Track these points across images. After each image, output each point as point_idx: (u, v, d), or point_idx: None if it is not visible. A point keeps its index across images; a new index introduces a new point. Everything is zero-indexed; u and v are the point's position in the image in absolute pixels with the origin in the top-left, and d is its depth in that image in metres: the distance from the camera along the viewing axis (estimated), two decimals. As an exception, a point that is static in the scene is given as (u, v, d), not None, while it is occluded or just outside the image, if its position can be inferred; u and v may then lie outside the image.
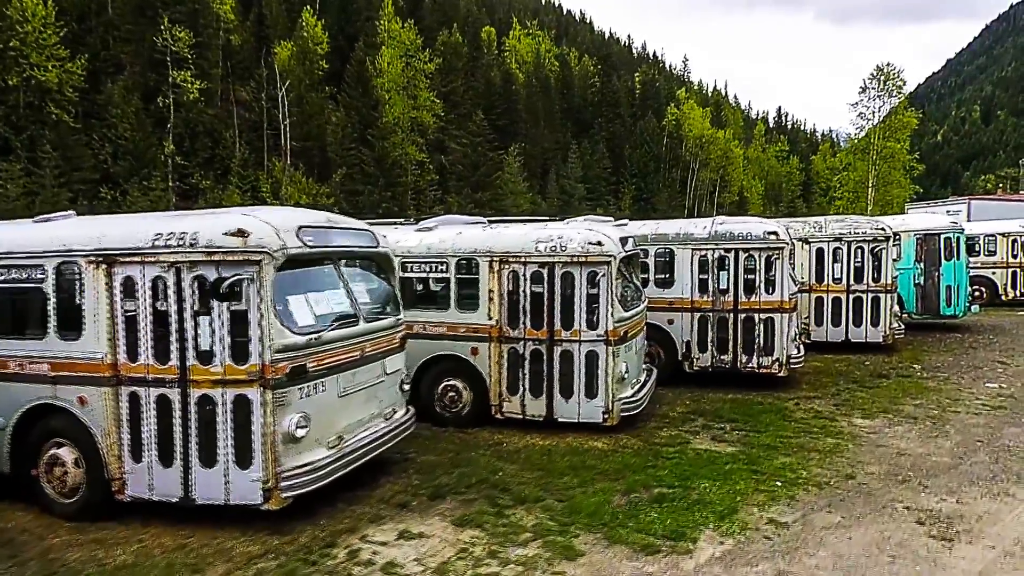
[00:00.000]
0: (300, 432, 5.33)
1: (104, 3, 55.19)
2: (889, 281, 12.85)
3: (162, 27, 47.37)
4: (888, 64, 39.13)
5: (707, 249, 10.66)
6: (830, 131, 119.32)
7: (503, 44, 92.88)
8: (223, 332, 5.20)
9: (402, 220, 13.89)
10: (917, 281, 15.47)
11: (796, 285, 10.92)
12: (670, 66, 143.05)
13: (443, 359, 8.60)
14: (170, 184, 47.73)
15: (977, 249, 20.78)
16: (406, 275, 8.72)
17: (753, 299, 10.50)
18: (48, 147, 43.17)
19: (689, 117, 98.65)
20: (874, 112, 39.48)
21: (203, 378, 5.22)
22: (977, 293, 20.88)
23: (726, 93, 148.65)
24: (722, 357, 10.69)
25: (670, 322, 10.88)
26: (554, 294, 8.19)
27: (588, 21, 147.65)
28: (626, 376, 8.31)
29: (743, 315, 10.56)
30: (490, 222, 12.61)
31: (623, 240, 8.77)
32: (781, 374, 10.48)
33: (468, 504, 6.19)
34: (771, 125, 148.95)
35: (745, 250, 10.49)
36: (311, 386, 5.48)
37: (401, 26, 62.65)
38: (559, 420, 8.26)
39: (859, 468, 7.17)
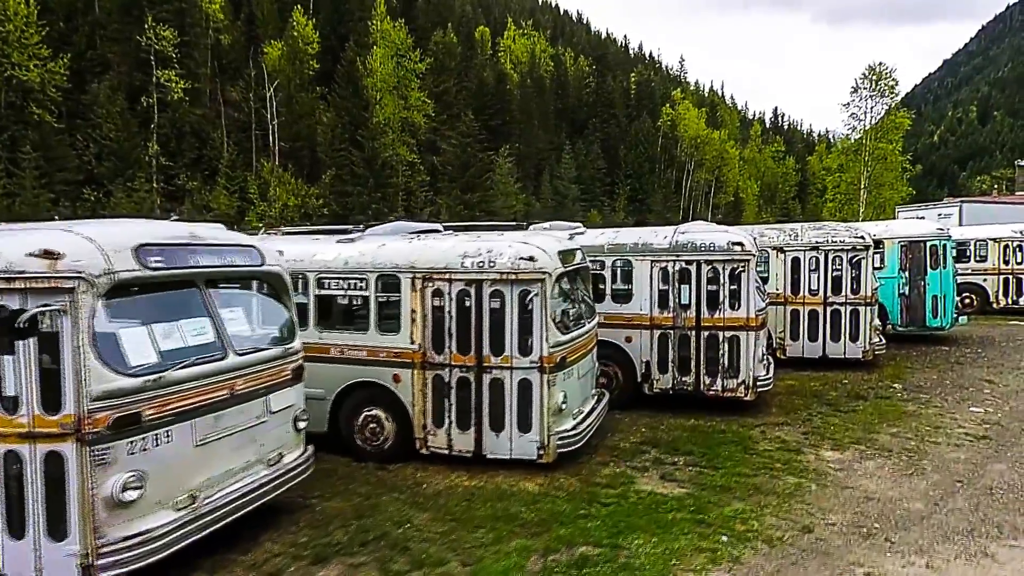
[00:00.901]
0: (130, 495, 4.39)
1: (91, 2, 54.26)
2: (869, 293, 11.91)
3: (146, 26, 46.40)
4: (880, 64, 38.21)
5: (668, 261, 9.71)
6: (826, 132, 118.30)
7: (498, 44, 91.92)
8: (31, 375, 4.25)
9: (352, 228, 13.00)
10: (901, 291, 14.52)
11: (764, 300, 9.97)
12: (667, 67, 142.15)
13: (363, 386, 7.66)
14: (154, 185, 46.79)
15: (968, 254, 19.84)
16: (323, 292, 7.79)
17: (717, 316, 9.56)
18: (29, 148, 42.27)
19: (684, 118, 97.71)
20: (866, 112, 38.55)
21: (7, 431, 4.28)
22: (968, 300, 19.96)
23: (722, 94, 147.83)
24: (684, 379, 9.75)
25: (628, 340, 9.94)
26: (482, 316, 7.25)
27: (585, 22, 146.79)
28: (565, 407, 7.36)
29: (706, 333, 9.62)
30: (448, 228, 11.66)
31: (565, 254, 7.83)
32: (748, 398, 9.54)
33: (353, 571, 5.25)
34: (767, 126, 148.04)
35: (708, 262, 9.55)
36: (148, 437, 4.54)
37: (392, 25, 61.66)
38: (489, 457, 7.32)
39: (819, 518, 6.23)
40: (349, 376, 7.65)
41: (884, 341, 12.54)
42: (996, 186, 72.26)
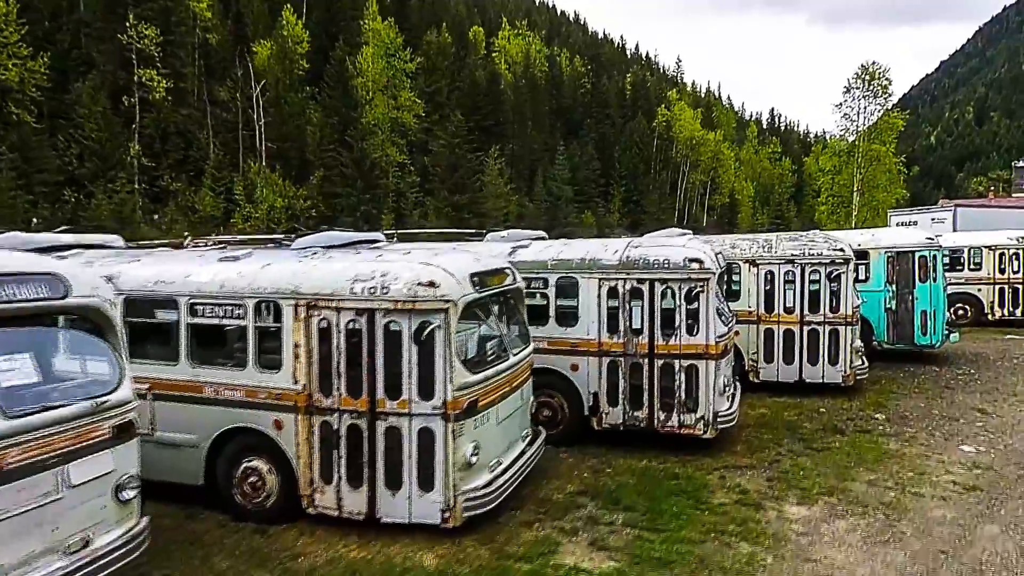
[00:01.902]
0: None
1: (76, 1, 53.03)
2: (849, 312, 10.66)
3: (128, 24, 45.17)
4: (873, 63, 36.88)
5: (618, 279, 8.47)
6: (823, 132, 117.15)
7: (492, 44, 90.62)
8: None
9: (284, 237, 11.78)
10: (888, 305, 13.28)
11: (727, 325, 8.73)
12: (663, 67, 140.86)
13: (242, 433, 6.43)
14: (136, 187, 45.56)
15: (961, 263, 18.59)
16: (197, 320, 6.56)
17: (673, 342, 8.33)
18: (6, 149, 41.09)
19: (680, 118, 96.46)
20: (859, 113, 37.22)
21: None
22: (961, 312, 18.72)
23: (719, 94, 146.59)
24: (636, 413, 8.51)
25: (574, 368, 8.71)
26: (375, 352, 6.02)
27: (583, 22, 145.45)
28: (477, 459, 6.14)
29: (661, 361, 8.38)
30: (391, 236, 10.46)
31: (483, 276, 6.60)
32: (707, 435, 8.31)
33: None
34: (764, 127, 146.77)
35: (663, 281, 8.31)
36: None
37: (383, 24, 60.43)
38: (384, 520, 6.09)
39: (769, 609, 5.00)
40: (225, 420, 6.42)
41: (866, 365, 11.27)
42: (993, 188, 70.88)
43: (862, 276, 13.39)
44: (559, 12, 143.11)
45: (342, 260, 6.52)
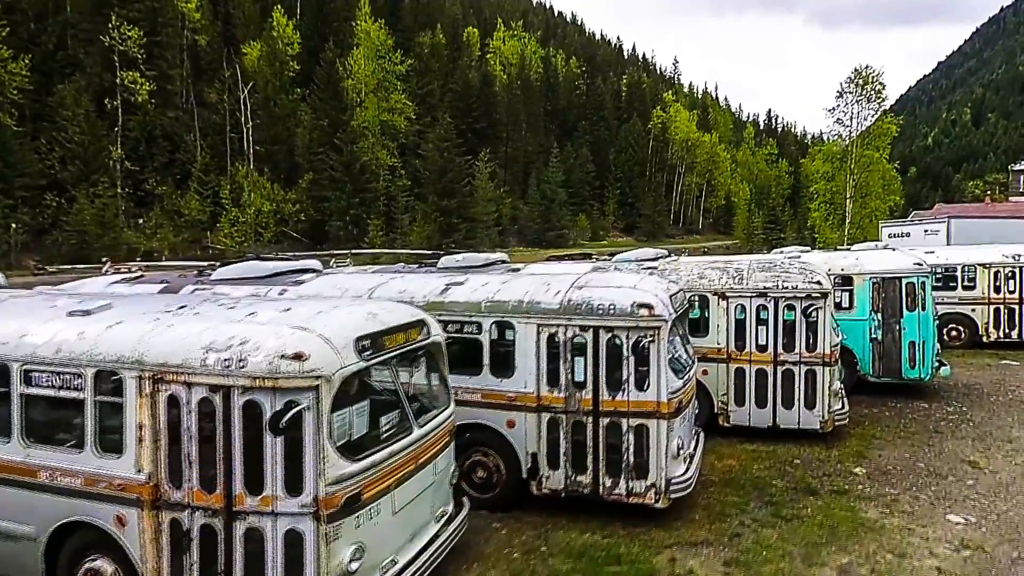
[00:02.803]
0: None
1: (62, 1, 51.89)
2: (827, 351, 9.52)
3: (110, 25, 44.04)
4: (867, 67, 35.62)
5: (558, 325, 7.35)
6: (820, 134, 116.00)
7: (487, 46, 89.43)
8: None
9: (207, 265, 10.68)
10: (874, 335, 12.14)
11: (684, 375, 7.59)
12: (661, 68, 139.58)
13: (82, 528, 5.32)
14: (119, 191, 44.45)
15: (954, 282, 17.44)
16: (32, 391, 5.45)
17: (620, 398, 7.21)
18: (-16, 152, 40.04)
19: (675, 120, 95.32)
20: (852, 118, 35.96)
21: None
22: (955, 333, 17.58)
23: (716, 96, 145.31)
24: (579, 478, 7.39)
25: (511, 424, 7.59)
26: (232, 437, 4.90)
27: (580, 23, 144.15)
28: (359, 565, 5.01)
29: (606, 420, 7.26)
30: (345, 256, 9.36)
31: (380, 337, 5.48)
32: (659, 505, 7.19)
33: None
34: (761, 128, 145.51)
35: (608, 329, 7.19)
36: None
37: (373, 25, 59.25)
38: (244, 640, 4.97)
39: None
40: (64, 512, 5.31)
41: (847, 408, 10.10)
42: (989, 191, 69.56)
43: (845, 303, 12.30)
44: (556, 13, 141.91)
45: (204, 319, 5.39)
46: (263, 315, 5.38)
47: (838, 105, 36.41)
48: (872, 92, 35.60)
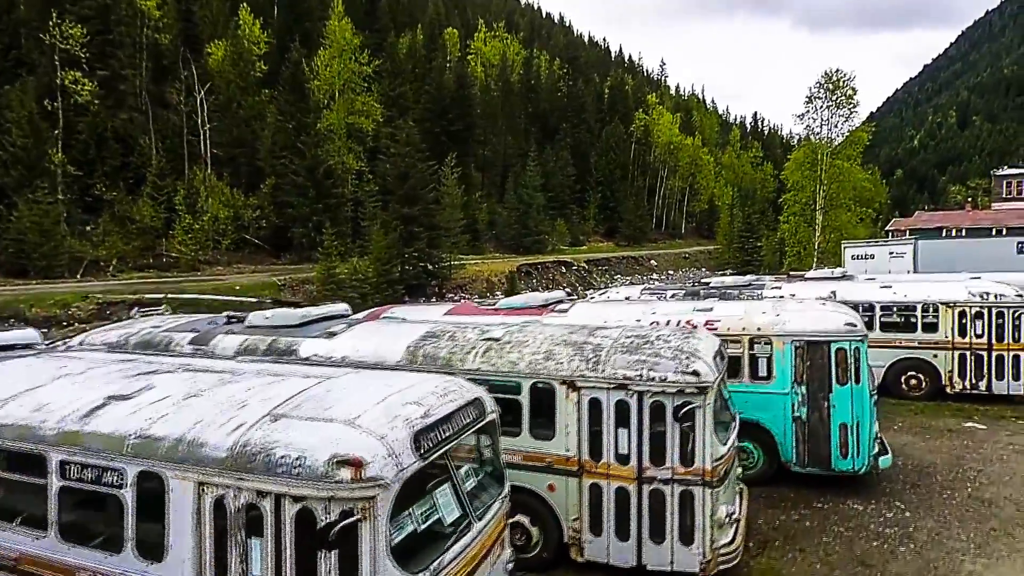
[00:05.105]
0: None
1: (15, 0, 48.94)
2: (708, 465, 6.79)
3: (51, 23, 41.09)
4: (837, 71, 32.60)
5: (227, 487, 4.57)
6: (791, 138, 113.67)
7: (468, 47, 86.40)
8: None
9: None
10: (797, 413, 9.42)
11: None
12: (647, 71, 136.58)
13: None
14: (60, 196, 41.49)
15: (914, 322, 14.71)
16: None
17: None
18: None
19: (658, 123, 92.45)
20: (822, 125, 33.07)
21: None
22: (914, 382, 14.87)
23: (702, 98, 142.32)
24: None
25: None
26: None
27: (568, 24, 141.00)
28: None
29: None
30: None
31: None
32: None
33: None
34: (747, 130, 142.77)
35: (296, 500, 4.41)
36: None
37: (339, 24, 56.21)
38: None
39: None
40: None
41: (737, 543, 7.29)
42: (970, 199, 66.92)
43: (763, 371, 9.57)
44: (544, 14, 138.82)
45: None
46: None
47: (807, 111, 33.59)
48: (843, 97, 32.75)
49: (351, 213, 54.10)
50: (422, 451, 4.59)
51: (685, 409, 6.73)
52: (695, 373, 6.80)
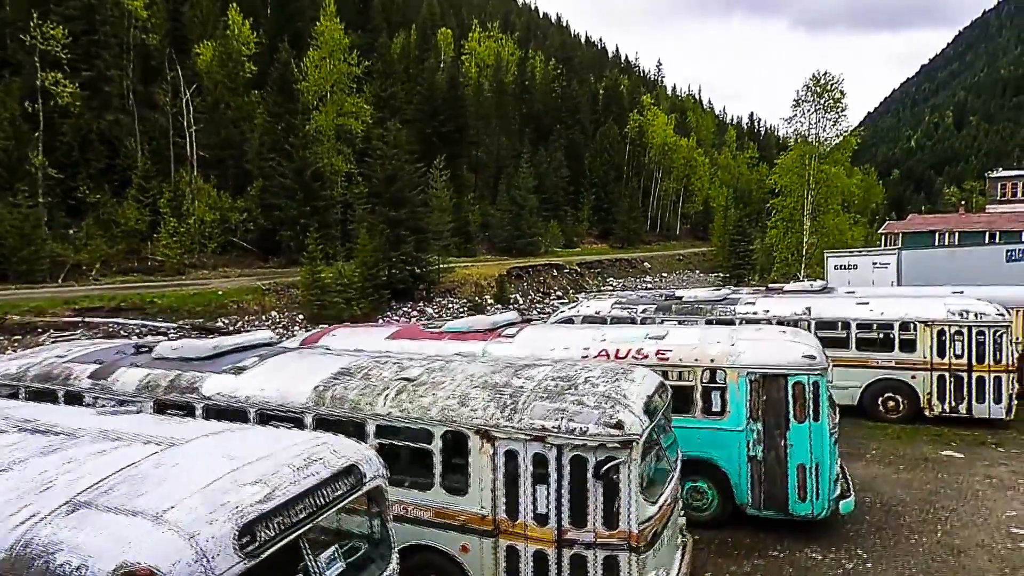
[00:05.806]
0: None
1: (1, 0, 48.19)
2: (635, 530, 6.02)
3: (31, 23, 40.32)
4: (825, 73, 31.73)
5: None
6: (780, 142, 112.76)
7: (462, 47, 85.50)
8: None
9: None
10: (752, 452, 8.66)
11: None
12: (643, 71, 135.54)
13: None
14: (41, 200, 40.74)
15: (891, 341, 13.93)
16: None
17: None
18: None
19: (653, 124, 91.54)
20: (809, 128, 32.23)
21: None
22: (892, 404, 14.11)
23: (699, 99, 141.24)
24: None
25: None
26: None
27: (565, 24, 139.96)
28: None
29: None
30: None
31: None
32: None
33: None
34: (744, 130, 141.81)
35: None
36: None
37: (328, 24, 55.33)
38: None
39: None
40: None
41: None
42: (963, 201, 66.13)
43: (717, 406, 8.80)
44: (542, 15, 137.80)
45: None
46: None
47: (795, 115, 32.76)
48: (831, 100, 31.91)
49: (340, 216, 53.36)
50: (253, 547, 3.82)
51: (608, 465, 5.97)
52: (619, 425, 6.03)
